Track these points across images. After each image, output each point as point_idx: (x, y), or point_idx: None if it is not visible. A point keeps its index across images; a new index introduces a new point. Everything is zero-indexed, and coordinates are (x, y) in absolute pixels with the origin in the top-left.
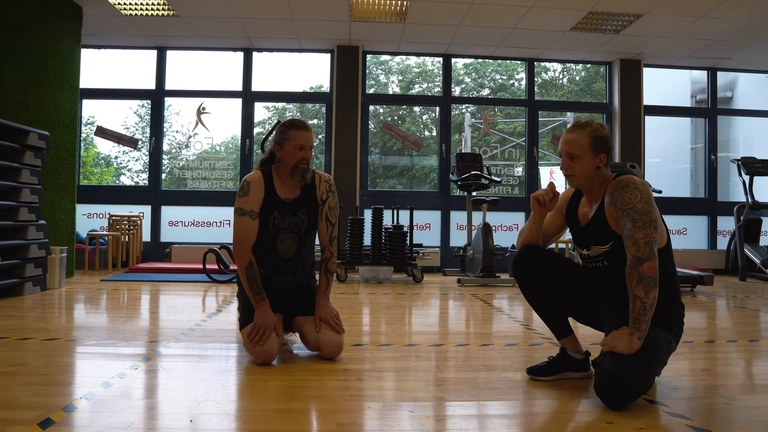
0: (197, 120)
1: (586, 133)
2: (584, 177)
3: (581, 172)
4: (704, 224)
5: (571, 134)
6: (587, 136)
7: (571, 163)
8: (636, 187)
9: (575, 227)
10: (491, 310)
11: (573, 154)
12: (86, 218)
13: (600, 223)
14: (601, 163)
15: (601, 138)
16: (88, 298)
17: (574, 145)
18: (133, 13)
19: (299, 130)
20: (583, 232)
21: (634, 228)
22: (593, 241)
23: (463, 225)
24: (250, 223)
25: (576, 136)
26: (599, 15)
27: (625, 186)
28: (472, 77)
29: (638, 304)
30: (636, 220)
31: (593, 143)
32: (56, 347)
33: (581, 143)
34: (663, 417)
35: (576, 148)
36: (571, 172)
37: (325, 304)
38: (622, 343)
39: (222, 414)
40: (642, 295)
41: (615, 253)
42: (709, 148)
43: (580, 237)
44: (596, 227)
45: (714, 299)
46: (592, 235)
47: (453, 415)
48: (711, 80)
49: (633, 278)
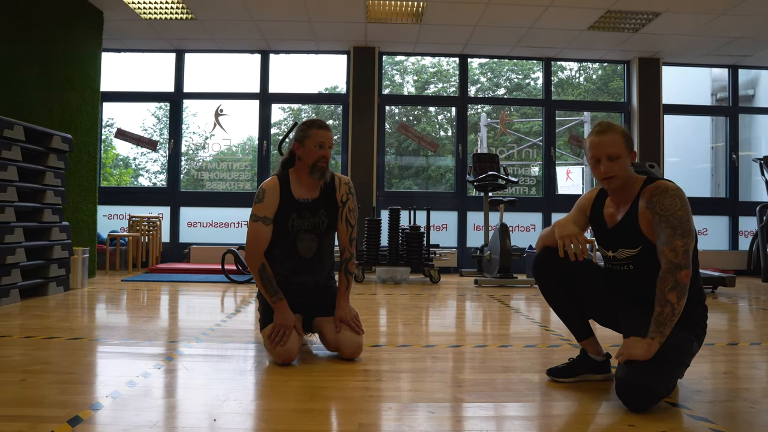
0: (215, 122)
1: (619, 133)
2: (624, 176)
3: (622, 171)
4: (725, 224)
5: (605, 136)
6: (620, 135)
7: (613, 164)
8: (676, 194)
9: (601, 228)
10: (509, 311)
11: (614, 154)
12: (107, 219)
13: (630, 225)
14: (633, 160)
15: (629, 136)
16: (109, 298)
17: (612, 145)
18: (152, 17)
19: (320, 129)
20: (610, 233)
21: (674, 235)
22: (621, 244)
23: (479, 225)
24: (262, 229)
25: (612, 137)
26: (617, 13)
27: (664, 192)
28: (487, 77)
29: (668, 310)
30: (676, 228)
31: (626, 141)
32: (81, 346)
33: (619, 142)
34: (685, 420)
35: (616, 148)
36: (613, 173)
37: (345, 305)
38: (639, 348)
39: (244, 413)
40: (674, 300)
41: (643, 257)
42: (730, 146)
43: (606, 238)
44: (626, 230)
45: (736, 301)
46: (621, 238)
47: (471, 417)
48: (732, 78)
49: (668, 283)
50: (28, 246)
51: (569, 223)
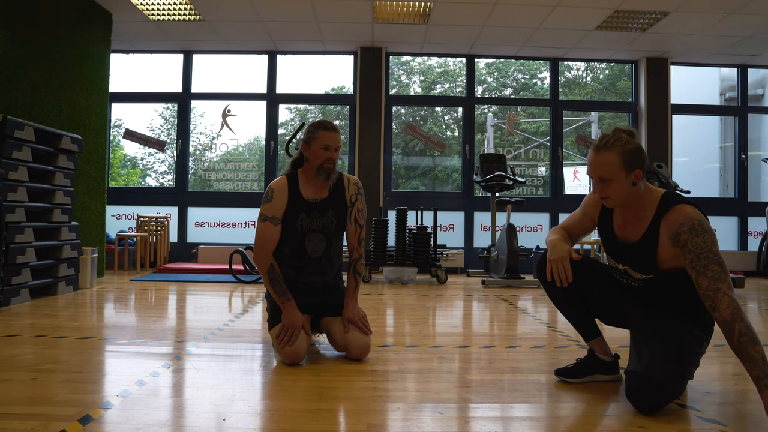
0: (222, 122)
1: (614, 153)
2: (620, 198)
3: (617, 194)
4: (734, 225)
5: (599, 155)
6: (617, 155)
7: (604, 186)
8: (704, 230)
9: (609, 237)
10: (516, 311)
11: (604, 177)
12: (115, 219)
13: (647, 252)
14: (636, 179)
15: (632, 152)
16: (118, 298)
17: (604, 168)
18: (160, 18)
19: (327, 131)
20: (622, 249)
21: (723, 271)
22: (633, 265)
23: (486, 226)
24: (271, 228)
25: (604, 157)
26: (625, 13)
27: (693, 229)
28: (494, 77)
29: (760, 363)
30: (722, 263)
31: (625, 161)
32: (90, 345)
33: (612, 164)
34: (695, 422)
35: (607, 171)
36: (605, 195)
37: (353, 306)
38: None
39: (253, 413)
40: (759, 352)
41: (653, 283)
42: (739, 146)
43: (616, 252)
44: (640, 254)
45: (745, 302)
46: (633, 260)
47: (479, 417)
48: (741, 78)
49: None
50: (38, 246)
51: (561, 245)
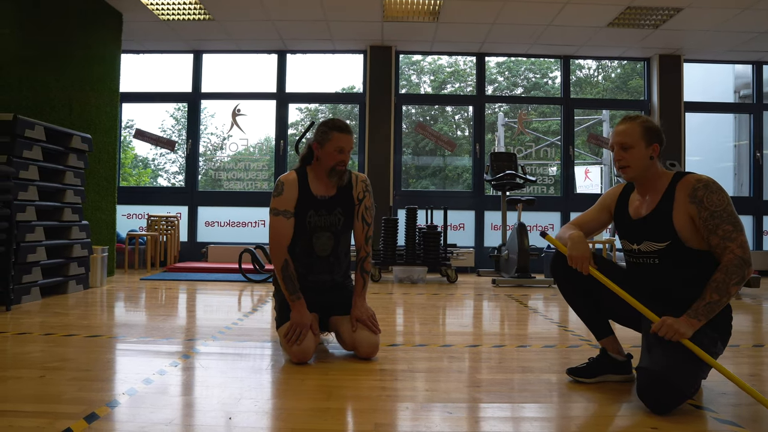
0: (232, 122)
1: (637, 123)
2: (639, 168)
3: (636, 162)
4: (749, 224)
5: (623, 125)
6: (639, 126)
7: (625, 154)
8: (720, 189)
9: (626, 221)
10: (527, 310)
11: (626, 144)
12: (126, 219)
13: (662, 218)
14: (654, 153)
15: (653, 128)
16: (128, 297)
17: (626, 135)
18: (170, 18)
19: (341, 133)
20: (636, 225)
21: (736, 230)
22: (648, 237)
23: (497, 225)
24: (284, 223)
25: (628, 126)
26: (637, 9)
27: (708, 185)
28: (505, 76)
29: (724, 300)
30: (736, 224)
31: (646, 132)
32: (99, 344)
33: (634, 133)
34: (710, 423)
35: (629, 138)
36: (625, 163)
37: (362, 304)
38: (683, 325)
39: (260, 412)
40: (733, 293)
41: (669, 253)
42: (754, 144)
43: (632, 231)
44: (656, 222)
45: (760, 302)
46: (649, 231)
47: (488, 417)
48: (756, 74)
49: (735, 276)
50: (48, 245)
51: (582, 243)
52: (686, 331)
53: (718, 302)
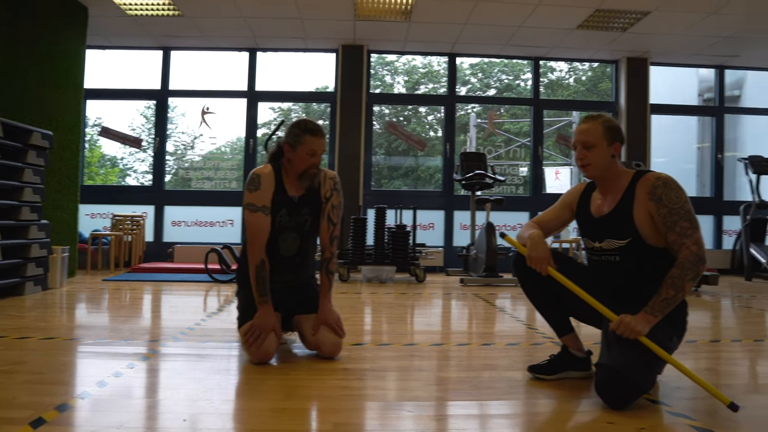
0: (201, 120)
1: (599, 123)
2: (600, 166)
3: (597, 160)
4: (710, 223)
5: (585, 124)
6: (601, 125)
7: (587, 153)
8: (679, 187)
9: (587, 219)
10: (494, 309)
11: (588, 143)
12: (90, 218)
13: (623, 216)
14: (615, 152)
15: (614, 128)
16: (89, 298)
17: (588, 134)
18: (138, 14)
19: (314, 137)
20: (598, 223)
21: (692, 228)
22: (609, 234)
23: (466, 225)
24: (263, 219)
25: (590, 126)
26: (606, 12)
27: (668, 183)
28: (478, 77)
29: (679, 296)
30: (692, 221)
31: (607, 132)
32: (55, 346)
33: (596, 132)
34: (665, 417)
35: (591, 137)
36: (587, 162)
37: (328, 308)
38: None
39: (217, 413)
40: (688, 289)
41: (630, 250)
42: (716, 147)
43: (594, 229)
44: (617, 220)
45: (719, 299)
46: (610, 228)
47: (453, 415)
48: (719, 78)
49: (690, 272)
50: (4, 244)
51: (541, 244)
52: (643, 328)
53: (673, 298)
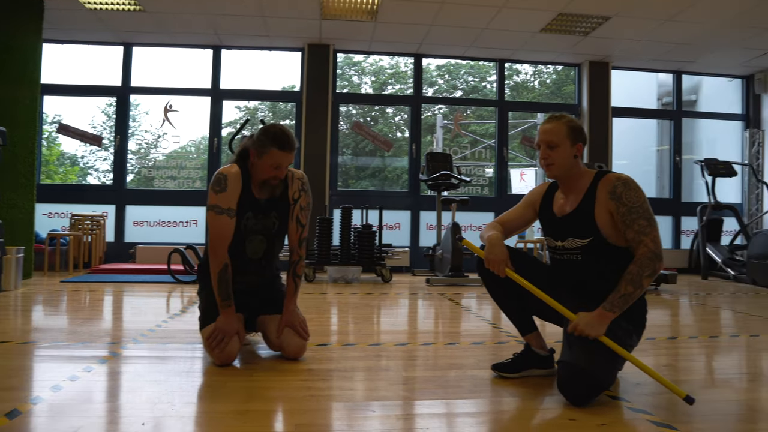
0: (164, 118)
1: (563, 123)
2: (563, 166)
3: (560, 160)
4: (669, 224)
5: (549, 124)
6: (565, 125)
7: (551, 152)
8: (637, 187)
9: (550, 219)
10: (459, 309)
11: (552, 143)
12: (47, 218)
13: (584, 215)
14: (578, 152)
15: (577, 128)
16: (45, 300)
17: (552, 133)
18: (96, 7)
19: (282, 152)
20: (560, 222)
21: (650, 226)
22: (572, 233)
23: (432, 225)
24: (228, 222)
25: (554, 126)
26: (569, 16)
27: (627, 183)
28: (445, 79)
29: (638, 292)
30: (650, 219)
31: (571, 132)
32: (7, 350)
33: (560, 132)
34: (625, 412)
35: (555, 137)
36: (550, 161)
37: (293, 310)
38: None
39: (178, 416)
40: (645, 286)
41: (592, 249)
42: (674, 149)
43: (556, 228)
44: (579, 219)
45: (677, 297)
46: (572, 227)
47: (419, 414)
48: (676, 83)
49: (647, 269)
50: None
51: (498, 246)
52: (600, 330)
53: (632, 294)
